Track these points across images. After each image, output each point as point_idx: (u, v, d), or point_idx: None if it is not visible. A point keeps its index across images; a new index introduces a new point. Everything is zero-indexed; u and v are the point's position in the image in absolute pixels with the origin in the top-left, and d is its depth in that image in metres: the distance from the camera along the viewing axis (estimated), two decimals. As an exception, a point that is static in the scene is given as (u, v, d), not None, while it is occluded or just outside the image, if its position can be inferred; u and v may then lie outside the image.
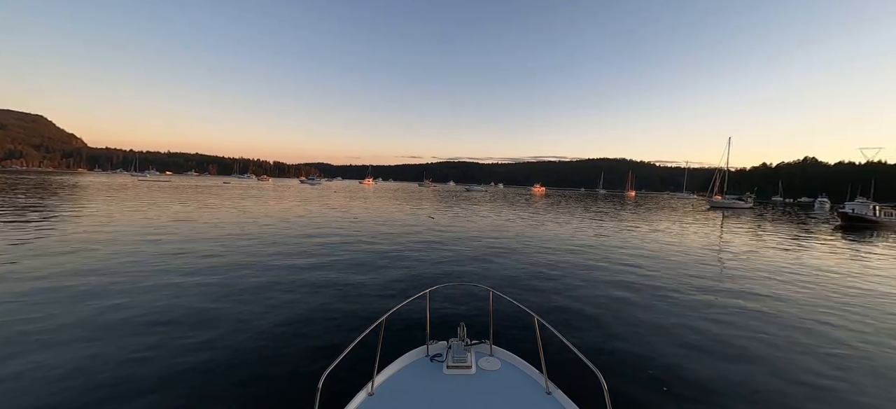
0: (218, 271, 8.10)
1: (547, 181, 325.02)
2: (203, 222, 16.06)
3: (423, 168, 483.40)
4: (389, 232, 15.33)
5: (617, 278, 8.84)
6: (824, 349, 5.25)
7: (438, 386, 2.72)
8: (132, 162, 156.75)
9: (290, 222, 17.17)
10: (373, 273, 8.55)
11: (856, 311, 7.06)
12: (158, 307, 5.86)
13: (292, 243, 11.79)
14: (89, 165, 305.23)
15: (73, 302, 5.92)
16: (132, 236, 11.73)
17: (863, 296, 8.14)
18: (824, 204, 79.24)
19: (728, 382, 4.29)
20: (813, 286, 8.82)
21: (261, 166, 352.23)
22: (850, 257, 13.58)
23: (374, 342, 2.81)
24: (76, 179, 67.45)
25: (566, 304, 6.86)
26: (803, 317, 6.60)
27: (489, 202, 42.31)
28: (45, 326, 5.01)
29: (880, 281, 9.65)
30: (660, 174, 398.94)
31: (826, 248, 15.76)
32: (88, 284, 6.84)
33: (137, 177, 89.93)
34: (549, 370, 2.74)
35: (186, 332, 5.03)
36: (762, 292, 8.10)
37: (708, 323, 6.12)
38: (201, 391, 3.76)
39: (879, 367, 4.81)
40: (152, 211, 19.16)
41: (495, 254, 11.48)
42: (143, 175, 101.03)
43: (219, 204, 25.25)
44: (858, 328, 6.15)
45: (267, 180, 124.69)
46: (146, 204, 22.82)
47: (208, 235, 12.69)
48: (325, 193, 48.27)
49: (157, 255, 9.36)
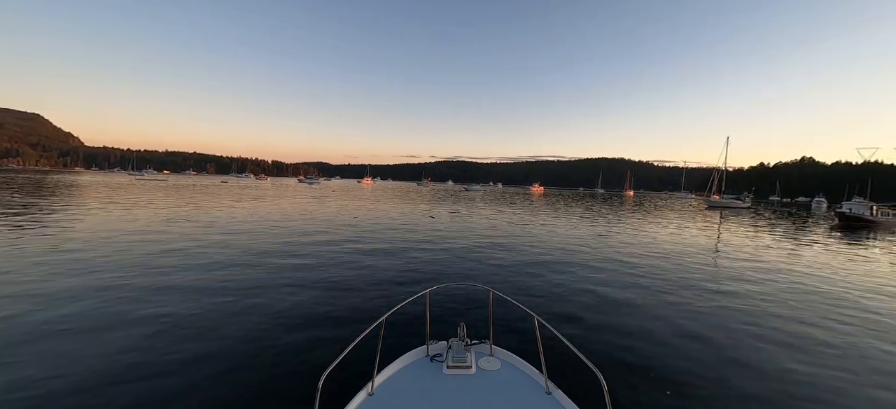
0: (216, 272, 8.06)
1: (545, 181, 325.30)
2: (197, 221, 16.01)
3: (422, 167, 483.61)
4: (389, 231, 15.31)
5: (616, 278, 8.86)
6: (827, 351, 5.23)
7: (438, 386, 2.71)
8: (130, 161, 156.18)
9: (290, 222, 17.13)
10: (373, 273, 8.53)
11: (859, 313, 7.07)
12: (157, 308, 5.83)
13: (291, 243, 11.76)
14: (86, 164, 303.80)
15: (62, 305, 5.89)
16: (130, 236, 11.69)
17: (865, 297, 8.16)
18: (821, 204, 79.57)
19: (729, 382, 4.30)
20: (817, 289, 8.78)
21: (259, 166, 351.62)
22: (850, 258, 13.63)
23: (374, 342, 2.80)
24: (72, 177, 67.10)
25: (566, 303, 6.86)
26: (805, 319, 6.60)
27: (488, 202, 42.33)
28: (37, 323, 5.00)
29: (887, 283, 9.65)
30: (658, 174, 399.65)
31: (826, 249, 15.82)
32: (75, 285, 6.81)
33: (135, 176, 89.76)
34: (549, 370, 2.74)
35: (185, 332, 5.01)
36: (763, 294, 8.11)
37: (708, 323, 6.13)
38: (201, 391, 3.75)
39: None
40: (147, 209, 19.10)
41: (495, 254, 11.48)
42: (141, 174, 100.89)
43: (214, 203, 25.17)
44: (860, 332, 6.16)
45: (265, 180, 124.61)
46: (144, 202, 22.74)
47: (204, 234, 12.65)
48: (322, 193, 48.18)
49: (156, 255, 9.32)
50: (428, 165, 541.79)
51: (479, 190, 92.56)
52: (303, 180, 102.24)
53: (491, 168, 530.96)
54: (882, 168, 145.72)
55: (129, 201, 23.50)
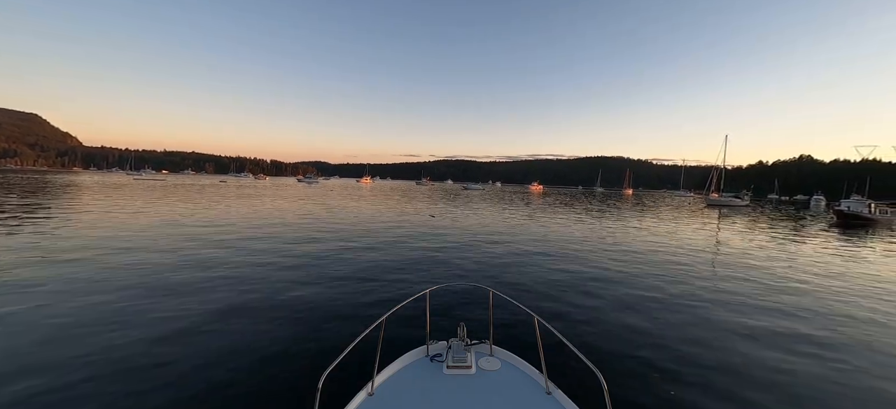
0: (215, 272, 8.04)
1: (545, 180, 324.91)
2: (194, 221, 15.97)
3: (422, 167, 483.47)
4: (389, 231, 15.30)
5: (617, 277, 8.87)
6: (830, 352, 5.20)
7: (438, 386, 2.71)
8: (128, 161, 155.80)
9: (288, 222, 17.11)
10: (372, 272, 8.53)
11: (862, 313, 7.07)
12: (157, 308, 5.82)
13: (290, 244, 11.74)
14: (84, 164, 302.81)
15: (55, 306, 5.88)
16: (128, 237, 11.66)
17: (869, 297, 8.14)
18: (820, 202, 79.58)
19: (730, 383, 4.29)
20: (820, 288, 8.71)
21: (258, 165, 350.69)
22: (851, 256, 13.65)
23: (374, 342, 2.80)
24: (70, 178, 66.91)
25: (566, 303, 6.86)
26: (805, 320, 6.60)
27: (487, 201, 42.31)
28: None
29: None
30: (656, 172, 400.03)
31: (827, 246, 15.85)
32: (77, 284, 6.79)
33: (133, 176, 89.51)
34: (549, 370, 2.74)
35: (185, 333, 5.00)
36: (766, 293, 8.10)
37: (708, 322, 6.14)
38: (201, 392, 3.74)
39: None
40: (147, 210, 19.06)
41: (494, 253, 11.48)
42: (139, 174, 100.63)
43: (207, 203, 25.12)
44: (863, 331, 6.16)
45: (264, 179, 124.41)
46: (141, 203, 22.69)
47: (202, 234, 12.62)
48: (321, 192, 48.08)
49: (154, 254, 9.30)
50: (427, 165, 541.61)
51: (479, 189, 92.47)
52: (301, 180, 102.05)
53: (490, 167, 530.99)
54: (880, 166, 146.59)
55: (126, 200, 23.44)
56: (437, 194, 54.66)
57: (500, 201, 41.68)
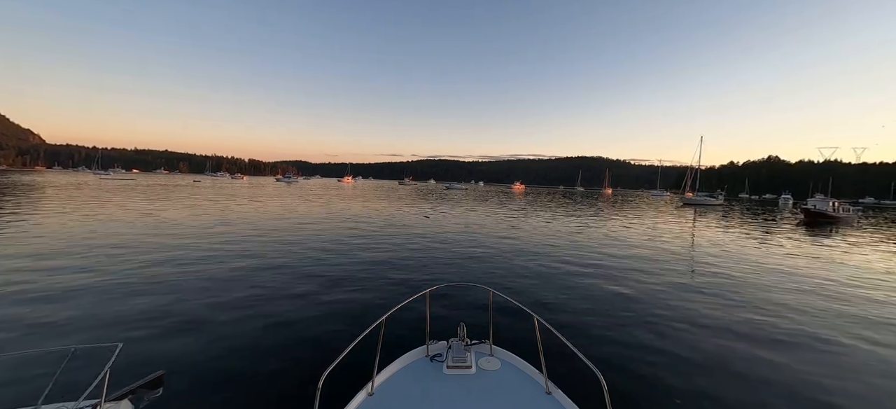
0: (214, 272, 7.91)
1: (526, 179, 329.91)
2: (178, 224, 15.42)
3: (404, 166, 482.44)
4: (387, 231, 15.24)
5: (611, 275, 9.05)
6: (831, 354, 5.19)
7: (438, 386, 2.70)
8: (95, 159, 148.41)
9: (287, 222, 16.79)
10: (371, 273, 8.50)
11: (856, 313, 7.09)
12: (157, 309, 5.73)
13: (288, 243, 11.57)
14: (48, 162, 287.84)
15: (46, 306, 5.57)
16: (127, 237, 11.15)
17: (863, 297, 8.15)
18: (788, 201, 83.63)
19: (729, 383, 4.34)
20: (807, 289, 8.66)
21: (235, 164, 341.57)
22: (829, 253, 14.28)
23: (373, 342, 2.77)
24: (28, 178, 62.69)
25: (565, 303, 6.93)
26: (802, 320, 6.55)
27: (473, 200, 42.51)
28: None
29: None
30: (635, 173, 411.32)
31: (803, 245, 16.64)
32: (58, 290, 6.45)
33: (100, 175, 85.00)
34: (549, 370, 2.75)
35: (184, 334, 4.93)
36: (760, 291, 8.20)
37: (709, 323, 6.20)
38: (201, 392, 3.72)
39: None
40: (117, 210, 18.25)
41: (494, 253, 11.51)
42: (107, 173, 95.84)
43: (170, 206, 24.30)
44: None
45: (242, 178, 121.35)
46: (131, 204, 21.71)
47: (195, 235, 12.23)
48: (299, 192, 46.42)
49: (153, 254, 8.98)
50: (410, 165, 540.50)
51: (462, 188, 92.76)
52: (280, 179, 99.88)
53: (473, 167, 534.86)
54: (841, 166, 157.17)
55: (98, 202, 22.39)
56: (420, 194, 54.52)
57: (485, 201, 41.92)
